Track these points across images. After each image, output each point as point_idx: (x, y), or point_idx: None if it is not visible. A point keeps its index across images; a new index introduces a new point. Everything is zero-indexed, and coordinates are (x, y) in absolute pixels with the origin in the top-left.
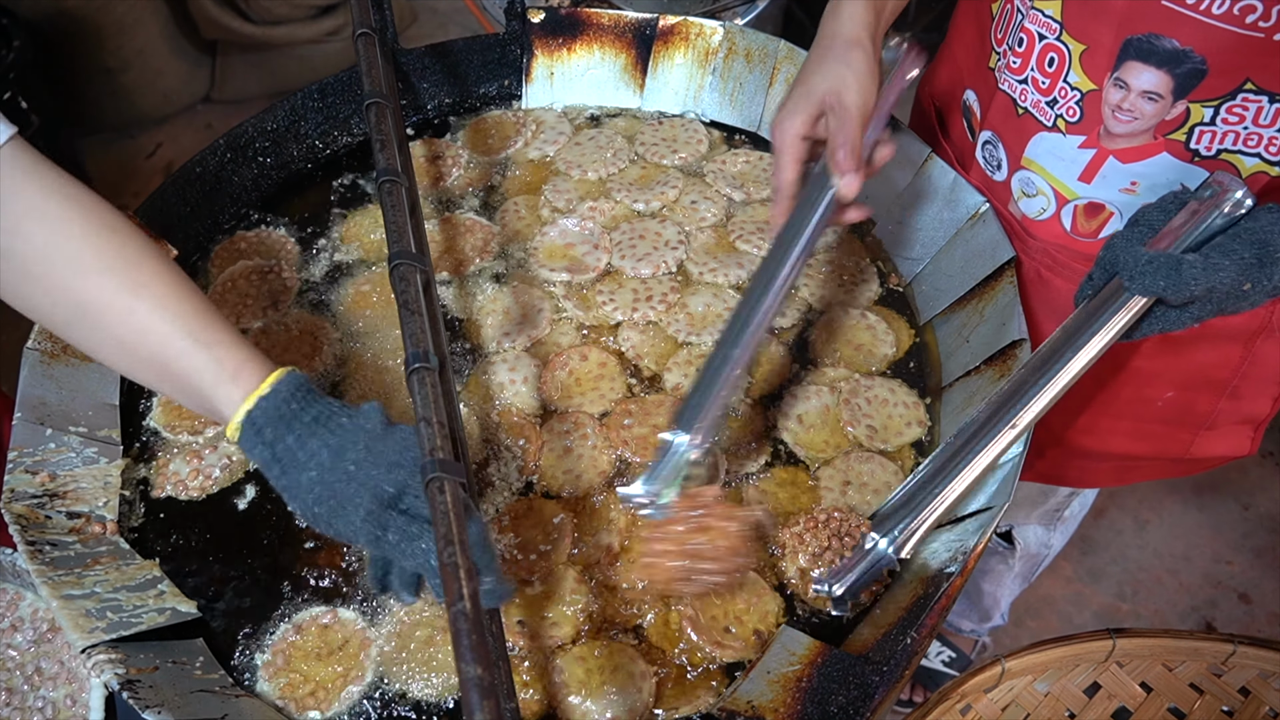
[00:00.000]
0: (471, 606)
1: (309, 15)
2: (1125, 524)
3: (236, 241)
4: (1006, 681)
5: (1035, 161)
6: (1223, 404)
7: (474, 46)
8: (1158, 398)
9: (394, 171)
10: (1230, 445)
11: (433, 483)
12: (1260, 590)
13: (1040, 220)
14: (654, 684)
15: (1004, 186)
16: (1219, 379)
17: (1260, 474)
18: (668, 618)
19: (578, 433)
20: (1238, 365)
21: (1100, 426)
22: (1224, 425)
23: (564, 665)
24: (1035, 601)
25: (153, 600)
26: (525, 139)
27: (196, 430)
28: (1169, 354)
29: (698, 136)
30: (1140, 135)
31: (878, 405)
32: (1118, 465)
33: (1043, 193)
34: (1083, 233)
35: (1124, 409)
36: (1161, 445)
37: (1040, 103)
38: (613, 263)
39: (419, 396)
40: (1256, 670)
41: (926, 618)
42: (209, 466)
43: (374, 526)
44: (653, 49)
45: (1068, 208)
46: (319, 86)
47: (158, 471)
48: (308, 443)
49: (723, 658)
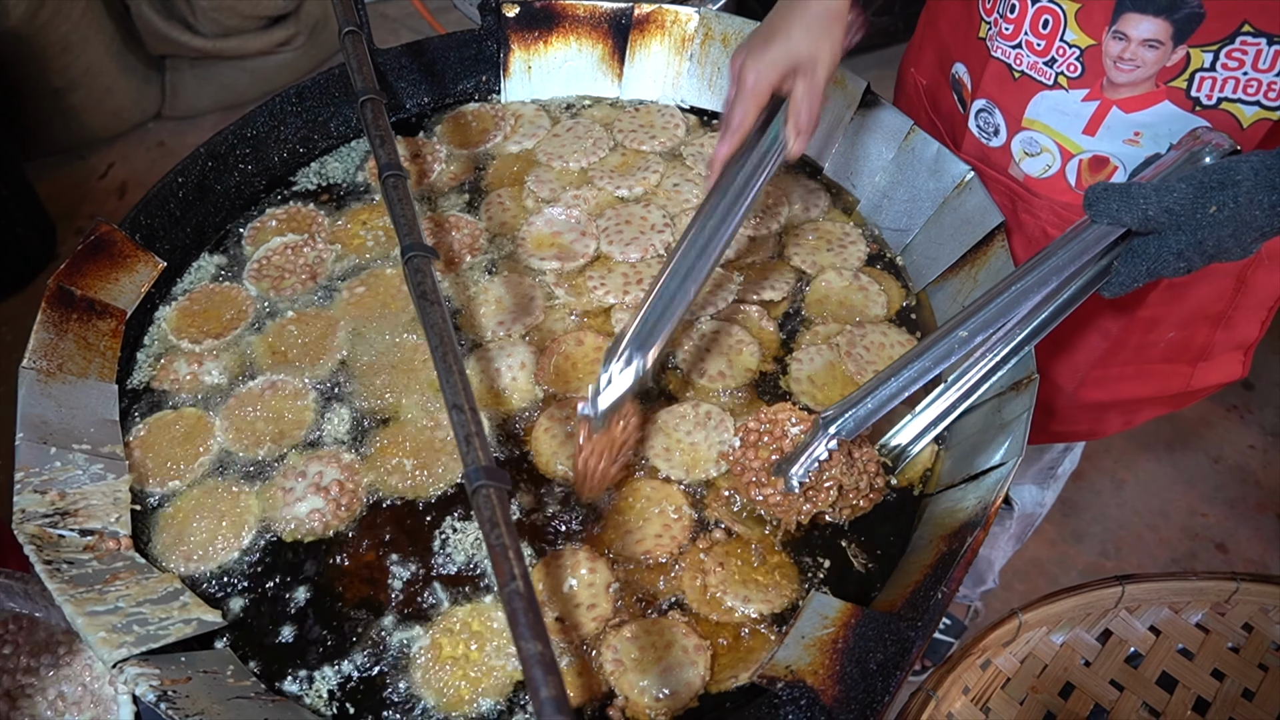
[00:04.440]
0: (524, 585)
1: (259, 26)
2: (1103, 485)
3: (267, 220)
4: (1023, 634)
5: (1038, 120)
6: (1218, 335)
7: (450, 44)
8: (1160, 340)
9: (396, 166)
10: (1224, 372)
11: (480, 491)
12: (1235, 539)
13: (1045, 178)
14: (709, 656)
15: (1003, 151)
16: (1215, 312)
17: (1227, 427)
18: (705, 585)
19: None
20: (1231, 297)
21: (1110, 376)
22: (1218, 355)
23: (619, 645)
24: (1022, 565)
25: (177, 612)
26: (504, 133)
27: (197, 339)
28: (1172, 299)
29: (674, 121)
30: (1143, 84)
31: (876, 350)
32: (1125, 410)
33: (1047, 150)
34: (1087, 187)
35: (1130, 356)
36: (1164, 383)
37: (1038, 64)
38: (601, 248)
39: (449, 389)
40: (1258, 605)
41: (954, 571)
42: (206, 371)
43: None
44: (629, 38)
45: (1072, 163)
46: (297, 90)
47: (162, 366)
48: None
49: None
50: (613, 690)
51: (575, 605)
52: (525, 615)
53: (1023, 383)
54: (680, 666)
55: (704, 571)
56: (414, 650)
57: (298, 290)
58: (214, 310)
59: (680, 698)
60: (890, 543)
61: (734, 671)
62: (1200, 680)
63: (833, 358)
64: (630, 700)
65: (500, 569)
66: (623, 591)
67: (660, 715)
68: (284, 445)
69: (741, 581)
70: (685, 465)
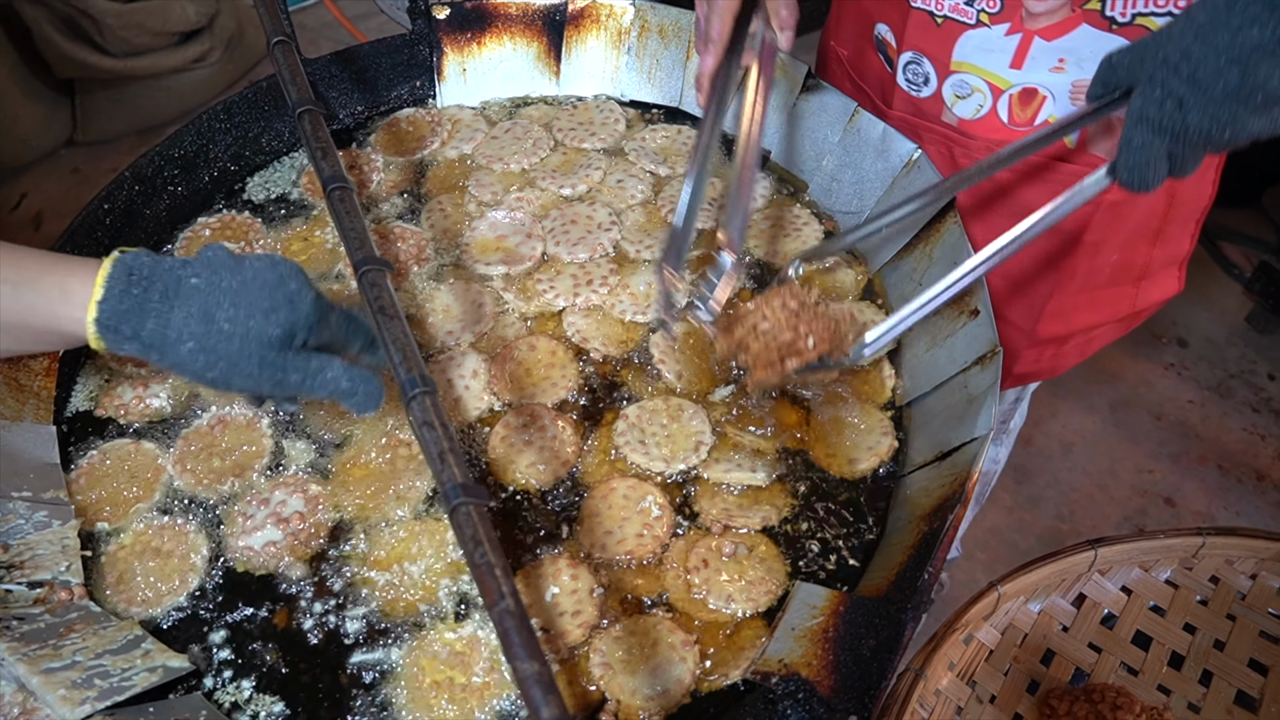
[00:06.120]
0: (514, 604)
1: (171, 43)
2: (1053, 449)
3: (200, 230)
4: (1002, 606)
5: (966, 61)
6: (1155, 252)
7: (381, 50)
8: (1105, 265)
9: (341, 178)
10: (1164, 288)
11: (459, 509)
12: (1182, 492)
13: (978, 119)
14: (697, 651)
15: (934, 100)
16: (1151, 230)
17: (1166, 385)
18: (689, 583)
19: (535, 425)
20: (1165, 212)
21: (1064, 308)
22: (1157, 272)
23: (605, 648)
24: (982, 534)
25: (140, 660)
26: (442, 138)
27: (140, 363)
28: (1114, 219)
29: (614, 116)
30: (1059, 10)
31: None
32: (1080, 341)
33: (978, 90)
34: (1019, 122)
35: (1080, 285)
36: (1112, 308)
37: (958, 5)
38: (548, 250)
39: (418, 407)
40: (1223, 558)
41: (938, 550)
42: (152, 395)
43: (273, 373)
44: (564, 34)
45: (1003, 99)
46: (225, 106)
47: (105, 393)
48: (170, 319)
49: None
50: (604, 695)
51: (559, 614)
52: (518, 634)
53: (987, 357)
54: (669, 664)
55: (689, 569)
56: (395, 690)
57: None
58: None
59: (672, 696)
60: (868, 527)
61: (725, 669)
62: (1173, 635)
63: None
64: (622, 703)
65: (487, 588)
66: (607, 595)
67: (653, 716)
68: (240, 478)
69: (727, 577)
70: (664, 457)
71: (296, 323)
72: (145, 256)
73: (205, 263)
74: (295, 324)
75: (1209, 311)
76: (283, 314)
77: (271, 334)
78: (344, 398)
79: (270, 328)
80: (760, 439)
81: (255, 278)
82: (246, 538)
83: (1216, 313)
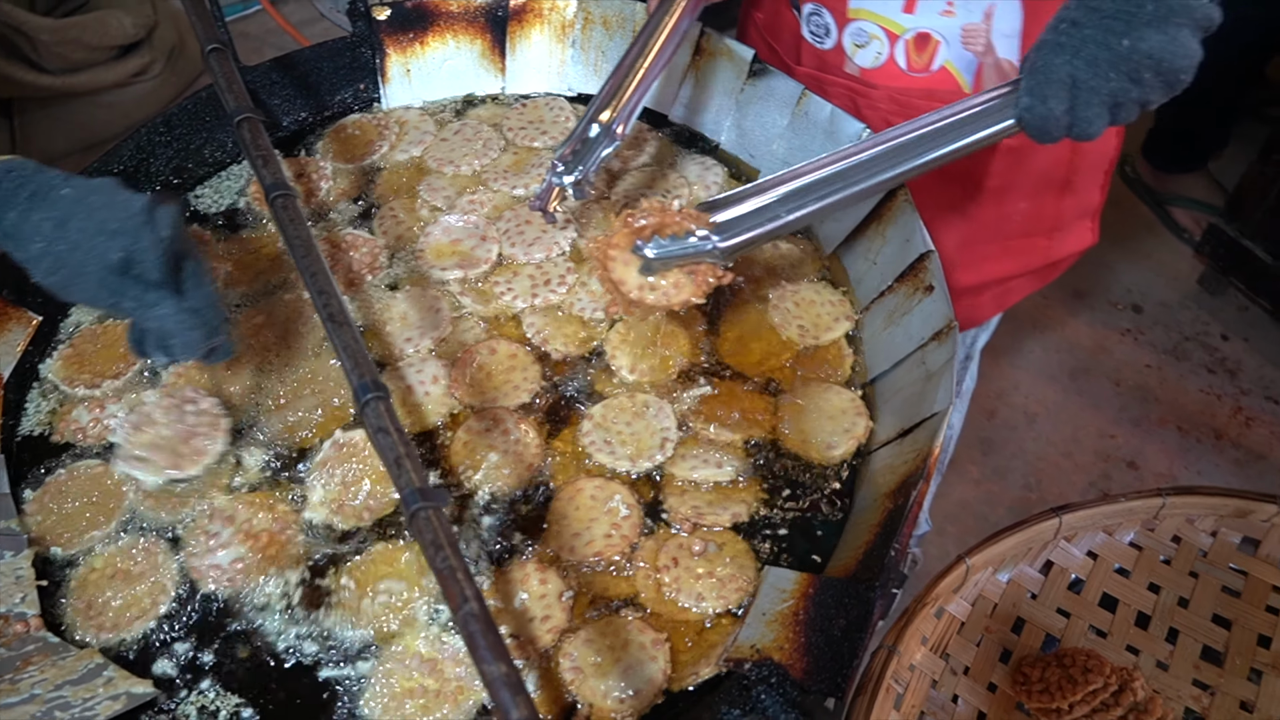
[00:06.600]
0: (479, 606)
1: (110, 57)
2: (1017, 420)
3: None
4: (971, 578)
5: (862, 8)
6: (1065, 202)
7: (323, 54)
8: (1014, 212)
9: (283, 185)
10: (1078, 240)
11: (418, 514)
12: (1144, 455)
13: (878, 67)
14: (668, 650)
15: (836, 51)
16: (1058, 179)
17: (1123, 350)
18: (659, 582)
19: (498, 429)
20: (1070, 160)
21: (976, 257)
22: (1069, 223)
23: (574, 651)
24: (952, 508)
25: (103, 689)
26: (390, 142)
27: (94, 384)
28: (1015, 165)
29: (564, 114)
30: None
31: (805, 306)
32: (996, 292)
33: (875, 37)
34: (916, 68)
35: (990, 233)
36: (1026, 258)
37: None
38: (504, 252)
39: (371, 414)
40: (1183, 516)
41: (904, 526)
42: (109, 415)
43: (109, 294)
44: (508, 30)
45: (899, 45)
46: (164, 118)
47: (60, 418)
48: (29, 216)
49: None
50: (575, 700)
51: (529, 620)
52: (484, 637)
53: (943, 332)
54: (640, 664)
55: (659, 568)
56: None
57: None
58: (106, 350)
59: (644, 696)
60: (837, 509)
61: (697, 667)
62: (1139, 596)
63: (760, 312)
64: (595, 706)
65: (451, 592)
66: (577, 598)
67: (626, 717)
68: (203, 496)
69: (698, 575)
70: (630, 455)
71: (134, 253)
72: (31, 164)
73: (85, 182)
74: (133, 254)
75: (1161, 276)
76: (123, 240)
77: (111, 257)
78: (164, 338)
79: (111, 251)
80: (728, 432)
81: (114, 201)
82: (211, 556)
83: (1169, 277)
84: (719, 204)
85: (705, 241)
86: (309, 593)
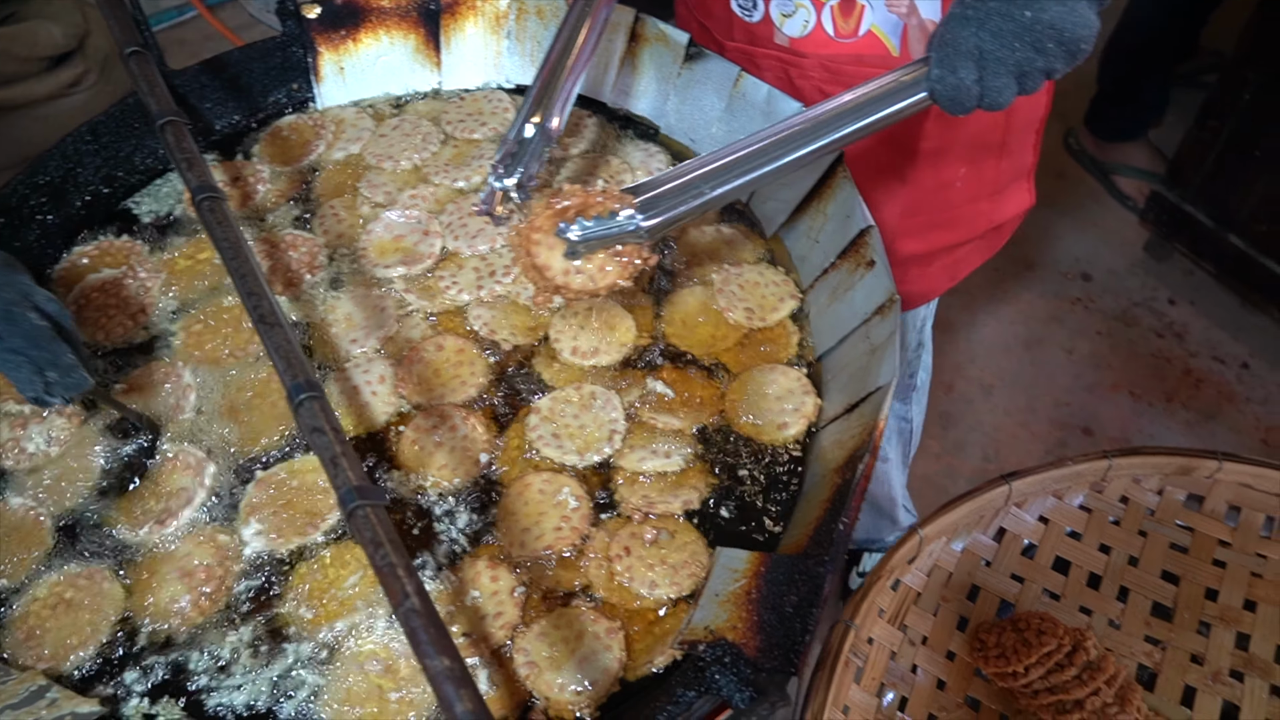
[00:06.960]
0: (420, 602)
1: (42, 69)
2: (973, 393)
3: (77, 260)
4: (925, 548)
5: None
6: (1003, 164)
7: (252, 55)
8: (954, 178)
9: (210, 187)
10: (1018, 201)
11: (356, 513)
12: (1098, 420)
13: (806, 35)
14: (622, 638)
15: (765, 23)
16: (994, 141)
17: (1074, 320)
18: (611, 571)
19: (445, 425)
20: (1005, 122)
21: (920, 225)
22: (1007, 186)
23: (528, 646)
24: (914, 483)
25: (46, 710)
26: (327, 141)
27: (22, 400)
28: (948, 127)
29: (503, 105)
30: None
31: (750, 289)
32: (946, 262)
33: (801, 5)
34: (844, 34)
35: (932, 200)
36: (971, 225)
37: None
38: (447, 245)
39: (305, 414)
40: (1130, 477)
41: (851, 500)
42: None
43: None
44: (441, 23)
45: (825, 11)
46: (90, 126)
47: None
48: None
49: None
50: (531, 695)
51: (481, 618)
52: (426, 632)
53: (885, 306)
54: (595, 654)
55: (610, 557)
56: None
57: (129, 329)
58: None
59: (601, 686)
60: (787, 487)
61: (652, 655)
62: (1090, 557)
63: (706, 296)
64: (551, 700)
65: (392, 589)
66: (529, 593)
67: (584, 709)
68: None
69: (650, 562)
70: (578, 449)
71: None
72: None
73: None
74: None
75: (1108, 244)
76: None
77: None
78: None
79: None
80: (676, 420)
81: None
82: (155, 594)
83: (1116, 245)
84: (644, 186)
85: (630, 221)
86: (258, 615)
